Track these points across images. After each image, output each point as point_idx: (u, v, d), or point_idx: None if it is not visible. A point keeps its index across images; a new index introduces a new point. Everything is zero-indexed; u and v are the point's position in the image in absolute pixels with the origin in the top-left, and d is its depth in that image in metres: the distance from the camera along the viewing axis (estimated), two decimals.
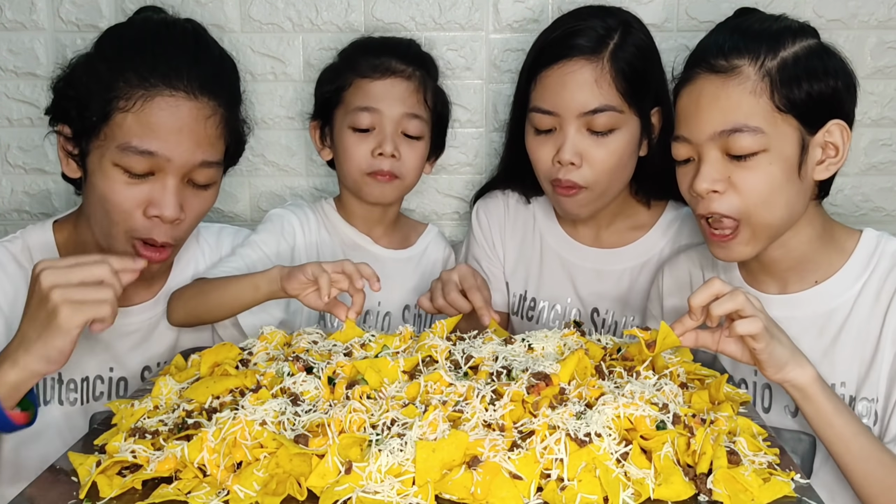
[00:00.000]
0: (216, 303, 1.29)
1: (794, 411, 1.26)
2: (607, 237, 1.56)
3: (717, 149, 1.18)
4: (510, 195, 1.64)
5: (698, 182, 1.19)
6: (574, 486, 0.79)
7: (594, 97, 1.35)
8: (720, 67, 1.18)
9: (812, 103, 1.16)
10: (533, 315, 1.60)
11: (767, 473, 0.84)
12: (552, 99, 1.37)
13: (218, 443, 0.85)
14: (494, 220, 1.64)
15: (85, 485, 0.83)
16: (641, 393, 0.92)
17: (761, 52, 1.16)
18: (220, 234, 1.54)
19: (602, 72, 1.35)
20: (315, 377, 1.01)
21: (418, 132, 1.53)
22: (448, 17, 1.75)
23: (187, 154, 1.23)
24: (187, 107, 1.22)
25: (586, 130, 1.37)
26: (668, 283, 1.43)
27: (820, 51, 1.19)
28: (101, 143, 1.22)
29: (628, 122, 1.38)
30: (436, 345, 1.08)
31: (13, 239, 1.34)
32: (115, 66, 1.22)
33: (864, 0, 1.71)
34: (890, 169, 1.79)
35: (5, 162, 1.80)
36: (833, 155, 1.19)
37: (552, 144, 1.40)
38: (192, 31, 1.31)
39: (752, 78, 1.16)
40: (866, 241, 1.26)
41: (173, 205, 1.23)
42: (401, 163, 1.51)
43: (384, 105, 1.49)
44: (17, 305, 1.28)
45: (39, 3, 1.73)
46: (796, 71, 1.16)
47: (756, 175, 1.17)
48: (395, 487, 0.78)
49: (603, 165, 1.38)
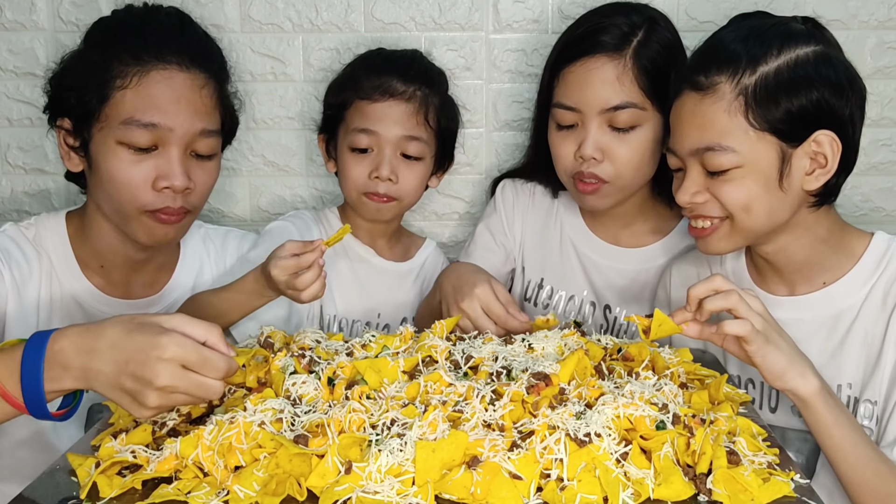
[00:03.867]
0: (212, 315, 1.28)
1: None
2: (626, 238, 1.56)
3: (697, 163, 1.20)
4: (536, 185, 1.64)
5: (681, 194, 1.22)
6: (574, 486, 0.79)
7: (616, 94, 1.36)
8: (700, 84, 1.18)
9: (792, 118, 1.14)
10: (550, 304, 1.60)
11: (767, 473, 0.85)
12: (574, 95, 1.39)
13: (213, 441, 0.85)
14: (520, 201, 1.64)
15: (85, 485, 0.83)
16: (641, 393, 0.92)
17: (740, 68, 1.15)
18: (227, 236, 1.56)
19: (624, 69, 1.36)
20: (315, 377, 1.01)
21: (418, 153, 1.52)
22: (448, 18, 1.75)
23: (187, 123, 1.27)
24: (181, 77, 1.27)
25: (608, 127, 1.38)
26: (675, 282, 1.44)
27: (807, 61, 1.15)
28: (103, 125, 1.26)
29: (650, 118, 1.39)
30: (436, 345, 1.09)
31: (29, 225, 1.38)
32: (107, 50, 1.27)
33: (864, 0, 1.71)
34: (890, 169, 1.79)
35: (5, 162, 1.80)
36: (823, 164, 1.17)
37: (574, 140, 1.41)
38: (175, 13, 1.37)
39: (726, 97, 1.15)
40: (877, 245, 1.25)
41: (181, 173, 1.27)
42: (398, 186, 1.51)
43: (382, 127, 1.49)
44: (29, 287, 1.32)
45: (39, 3, 1.72)
46: (777, 86, 1.14)
47: (733, 187, 1.18)
48: (395, 487, 0.78)
49: (625, 161, 1.39)
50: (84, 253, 1.38)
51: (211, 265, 1.51)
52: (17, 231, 1.36)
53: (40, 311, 1.33)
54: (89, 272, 1.38)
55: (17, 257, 1.32)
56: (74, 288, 1.36)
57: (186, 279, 1.48)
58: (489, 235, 1.64)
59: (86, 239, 1.37)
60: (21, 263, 1.32)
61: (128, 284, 1.41)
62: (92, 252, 1.37)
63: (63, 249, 1.37)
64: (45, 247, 1.36)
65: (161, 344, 0.87)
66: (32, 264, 1.34)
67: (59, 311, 1.35)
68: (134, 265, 1.40)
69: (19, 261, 1.32)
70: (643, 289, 1.53)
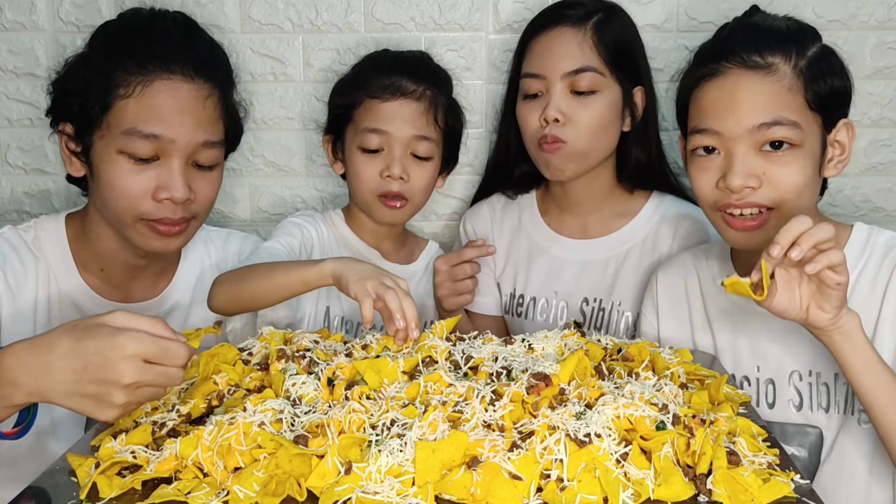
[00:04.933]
0: (261, 289, 1.25)
1: (799, 405, 1.27)
2: (593, 225, 1.60)
3: (751, 144, 1.19)
4: (495, 200, 1.69)
5: (732, 178, 1.18)
6: (574, 487, 0.79)
7: (577, 59, 1.45)
8: (755, 63, 1.19)
9: (832, 101, 1.20)
10: (521, 311, 1.64)
11: (767, 474, 0.84)
12: (539, 63, 1.48)
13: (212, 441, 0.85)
14: (480, 229, 1.69)
15: (85, 485, 0.83)
16: (641, 393, 0.92)
17: (792, 50, 1.19)
18: (228, 238, 1.56)
19: (585, 37, 1.46)
20: (315, 378, 1.01)
21: (427, 153, 1.52)
22: (448, 18, 1.75)
23: (190, 134, 1.26)
24: (185, 88, 1.26)
25: (570, 92, 1.46)
26: (662, 287, 1.43)
27: (829, 50, 1.23)
28: (104, 134, 1.25)
29: (610, 87, 1.47)
30: (436, 345, 1.08)
31: (27, 228, 1.37)
32: (111, 57, 1.25)
33: (864, 0, 1.71)
34: (890, 169, 1.79)
35: (5, 162, 1.80)
36: (839, 153, 1.23)
37: (539, 106, 1.48)
38: (181, 20, 1.35)
39: (788, 76, 1.18)
40: (857, 235, 1.27)
41: (181, 185, 1.26)
42: (409, 184, 1.51)
43: (393, 127, 1.49)
44: (25, 291, 1.31)
45: (39, 3, 1.73)
46: (822, 69, 1.19)
47: (790, 169, 1.18)
48: (395, 488, 0.78)
49: (586, 124, 1.46)
50: (83, 256, 1.37)
51: (212, 267, 1.51)
52: (14, 234, 1.35)
53: (38, 315, 1.33)
54: (88, 275, 1.37)
55: (12, 261, 1.32)
56: (73, 291, 1.36)
57: (187, 282, 1.47)
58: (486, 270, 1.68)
59: (85, 242, 1.37)
60: (17, 267, 1.32)
61: (127, 287, 1.41)
62: (91, 255, 1.37)
63: (62, 252, 1.36)
64: (44, 249, 1.35)
65: (119, 343, 0.89)
66: (29, 268, 1.33)
67: (57, 314, 1.35)
68: (134, 270, 1.40)
69: (15, 265, 1.32)
70: (615, 275, 1.56)
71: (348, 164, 1.55)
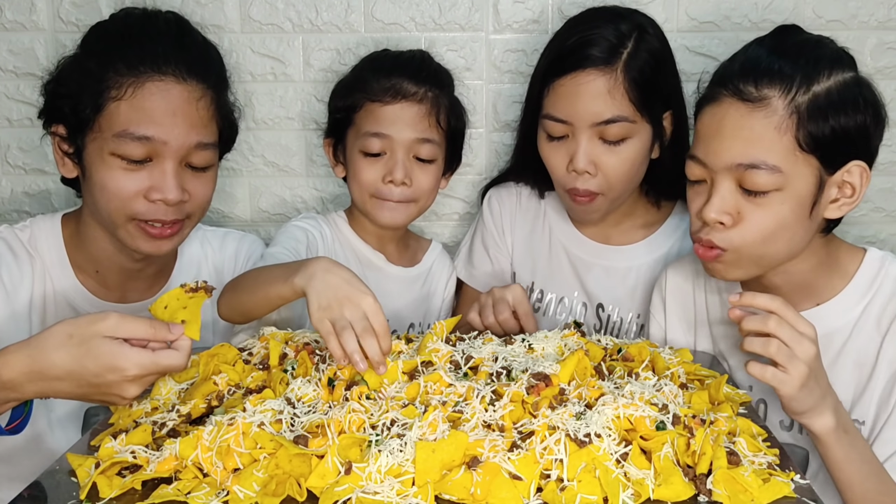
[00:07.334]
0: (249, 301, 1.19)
1: (789, 425, 1.27)
2: (616, 235, 1.57)
3: (732, 179, 1.14)
4: (522, 188, 1.65)
5: (707, 211, 1.15)
6: (574, 487, 0.79)
7: (607, 108, 1.36)
8: (748, 95, 1.12)
9: (836, 143, 1.12)
10: (540, 307, 1.61)
11: (767, 474, 0.85)
12: (565, 108, 1.38)
13: (212, 441, 0.85)
14: (506, 209, 1.65)
15: (85, 486, 0.83)
16: (641, 393, 0.92)
17: (794, 84, 1.11)
18: (225, 238, 1.55)
19: (615, 82, 1.35)
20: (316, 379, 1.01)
21: (430, 155, 1.50)
22: (448, 18, 1.75)
23: (182, 136, 1.25)
24: (177, 90, 1.25)
25: (599, 139, 1.38)
26: (671, 286, 1.43)
27: (853, 84, 1.13)
28: (96, 136, 1.24)
29: (640, 130, 1.39)
30: (437, 349, 1.08)
31: (24, 227, 1.37)
32: (103, 58, 1.25)
33: (864, 0, 1.71)
34: (890, 169, 1.79)
35: (5, 162, 1.79)
36: (849, 195, 1.15)
37: (565, 151, 1.41)
38: (174, 20, 1.34)
39: (779, 112, 1.11)
40: (869, 264, 1.23)
41: (174, 187, 1.25)
42: (413, 188, 1.49)
43: (395, 130, 1.46)
44: (21, 290, 1.31)
45: (39, 3, 1.72)
46: (827, 109, 1.11)
47: (765, 212, 1.13)
48: (395, 488, 0.78)
49: (616, 173, 1.40)
50: (79, 257, 1.37)
51: (209, 267, 1.50)
52: (10, 233, 1.35)
53: (33, 315, 1.33)
54: (84, 276, 1.37)
55: (8, 260, 1.32)
56: (68, 291, 1.35)
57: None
58: (484, 251, 1.66)
59: (81, 243, 1.36)
60: (12, 266, 1.32)
61: (123, 288, 1.40)
62: (87, 256, 1.37)
63: (57, 252, 1.36)
64: (40, 249, 1.35)
65: (119, 367, 0.94)
66: (24, 267, 1.33)
67: (52, 314, 1.34)
68: (129, 273, 1.39)
69: (10, 264, 1.32)
70: (635, 286, 1.54)
71: (349, 168, 1.53)
